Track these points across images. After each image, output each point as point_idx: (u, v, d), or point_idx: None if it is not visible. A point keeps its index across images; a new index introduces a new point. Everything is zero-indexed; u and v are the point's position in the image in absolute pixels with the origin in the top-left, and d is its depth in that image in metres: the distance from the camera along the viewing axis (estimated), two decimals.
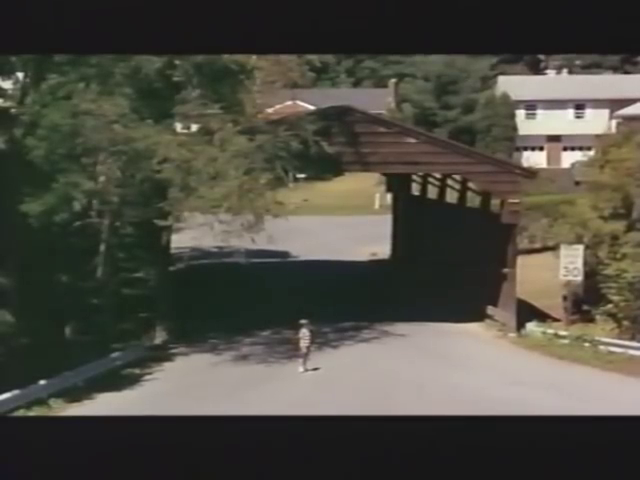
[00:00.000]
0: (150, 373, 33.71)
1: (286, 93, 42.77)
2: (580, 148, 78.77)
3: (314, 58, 35.24)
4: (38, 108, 33.65)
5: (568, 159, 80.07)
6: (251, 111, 34.88)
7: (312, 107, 58.91)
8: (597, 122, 77.90)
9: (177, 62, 33.85)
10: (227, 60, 33.49)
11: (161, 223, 33.97)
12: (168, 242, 38.58)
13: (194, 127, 37.03)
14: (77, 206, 32.89)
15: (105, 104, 32.80)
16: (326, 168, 42.42)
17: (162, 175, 32.89)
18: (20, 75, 34.35)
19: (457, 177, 45.28)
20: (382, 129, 38.66)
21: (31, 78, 34.07)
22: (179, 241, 43.74)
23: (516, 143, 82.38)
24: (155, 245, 37.55)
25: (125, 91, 33.96)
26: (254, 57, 34.28)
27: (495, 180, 38.81)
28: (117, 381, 32.21)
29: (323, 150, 35.55)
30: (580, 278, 38.28)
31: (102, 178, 33.71)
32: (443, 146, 39.80)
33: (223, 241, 32.82)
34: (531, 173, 40.87)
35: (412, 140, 38.59)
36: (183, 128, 36.73)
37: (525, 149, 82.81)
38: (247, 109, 34.74)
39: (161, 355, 36.08)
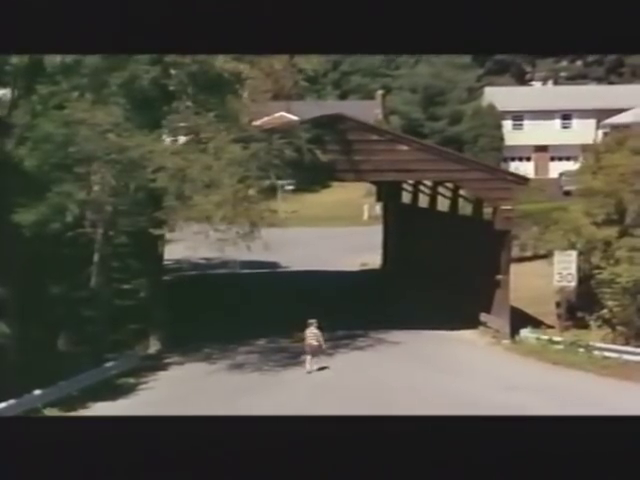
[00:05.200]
0: (145, 382, 33.59)
1: (274, 106, 42.64)
2: (567, 158, 79.22)
3: (307, 67, 35.25)
4: (30, 118, 33.59)
5: (555, 169, 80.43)
6: (245, 119, 34.87)
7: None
8: (584, 132, 78.40)
9: (172, 71, 33.90)
10: (221, 69, 33.48)
11: (156, 232, 33.92)
12: (162, 251, 38.53)
13: (183, 138, 36.95)
14: (70, 216, 32.81)
15: (99, 113, 32.78)
16: (320, 176, 42.41)
17: (156, 184, 32.86)
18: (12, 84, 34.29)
19: (448, 185, 45.34)
20: (375, 137, 38.70)
21: (23, 88, 34.00)
22: (173, 252, 43.73)
23: (503, 153, 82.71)
24: (149, 254, 37.48)
25: (119, 100, 33.94)
26: (247, 66, 34.28)
27: (488, 187, 38.81)
28: (112, 390, 32.08)
29: (317, 158, 35.55)
30: (574, 284, 38.27)
31: (96, 187, 33.64)
32: (435, 153, 39.79)
33: (218, 250, 32.71)
34: (523, 179, 40.95)
35: (404, 147, 38.61)
36: (174, 136, 36.56)
37: (512, 159, 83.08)
38: (241, 117, 34.70)
39: (155, 364, 35.97)
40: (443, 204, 47.67)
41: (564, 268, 37.98)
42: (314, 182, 64.03)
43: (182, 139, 35.95)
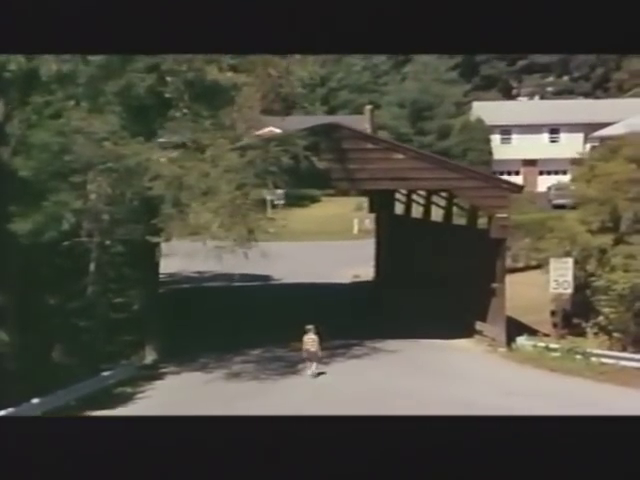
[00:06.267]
0: (142, 391, 33.47)
1: (264, 120, 42.62)
2: (556, 172, 79.56)
3: (304, 74, 35.35)
4: (25, 127, 33.54)
5: (544, 183, 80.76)
6: (242, 127, 34.86)
7: None
8: (572, 146, 78.74)
9: (168, 79, 33.89)
10: (218, 76, 33.53)
11: (153, 239, 33.84)
12: (159, 261, 38.43)
13: (180, 146, 36.90)
14: (66, 225, 32.71)
15: (95, 121, 32.74)
16: (315, 184, 42.38)
17: (153, 192, 32.80)
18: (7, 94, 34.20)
19: (442, 194, 45.41)
20: (370, 145, 38.74)
21: (17, 98, 33.95)
22: (169, 266, 43.65)
23: (492, 167, 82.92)
24: (145, 264, 37.40)
25: (115, 108, 33.92)
26: (242, 75, 34.36)
27: (483, 195, 38.81)
28: (109, 399, 31.95)
29: (313, 166, 35.59)
30: (570, 291, 38.32)
31: (92, 196, 33.54)
32: (431, 162, 39.80)
33: (216, 257, 32.58)
34: (518, 188, 41.05)
35: (400, 156, 38.63)
36: (171, 144, 36.52)
37: (501, 173, 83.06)
38: (238, 125, 34.71)
39: (152, 374, 35.85)
40: (437, 215, 47.73)
41: (560, 275, 38.03)
42: (310, 189, 64.00)
43: (179, 147, 35.92)
